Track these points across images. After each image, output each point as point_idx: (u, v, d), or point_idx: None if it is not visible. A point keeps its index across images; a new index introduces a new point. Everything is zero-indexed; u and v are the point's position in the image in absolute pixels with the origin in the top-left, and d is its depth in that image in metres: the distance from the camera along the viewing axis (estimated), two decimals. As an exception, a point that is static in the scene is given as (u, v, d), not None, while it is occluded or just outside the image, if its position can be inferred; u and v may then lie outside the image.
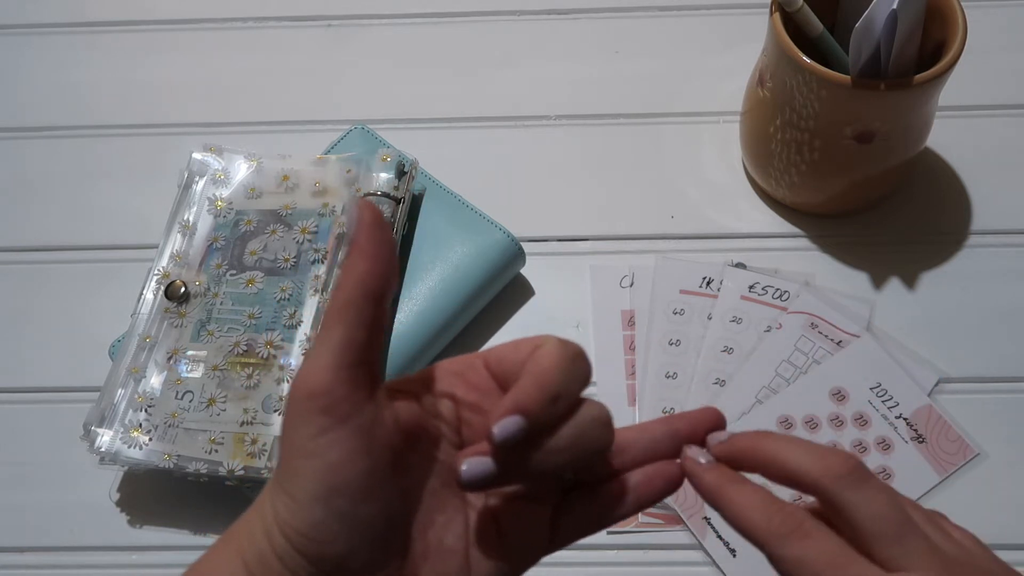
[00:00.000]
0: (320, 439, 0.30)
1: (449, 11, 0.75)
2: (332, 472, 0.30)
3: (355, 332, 0.31)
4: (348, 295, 0.31)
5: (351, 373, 0.31)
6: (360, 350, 0.31)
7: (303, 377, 0.31)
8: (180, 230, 0.59)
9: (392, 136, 0.65)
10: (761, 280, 0.60)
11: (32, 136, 0.71)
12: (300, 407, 0.31)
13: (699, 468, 0.35)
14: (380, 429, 0.32)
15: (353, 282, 0.31)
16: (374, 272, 0.31)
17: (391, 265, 0.32)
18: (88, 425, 0.54)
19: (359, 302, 0.31)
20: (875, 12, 0.51)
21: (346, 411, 0.31)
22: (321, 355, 0.31)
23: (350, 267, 0.31)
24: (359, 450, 0.31)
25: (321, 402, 0.30)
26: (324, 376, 0.31)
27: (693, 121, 0.68)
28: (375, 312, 0.32)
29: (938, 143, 0.65)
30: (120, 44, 0.75)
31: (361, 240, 0.31)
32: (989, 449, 0.55)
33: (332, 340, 0.31)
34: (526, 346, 0.34)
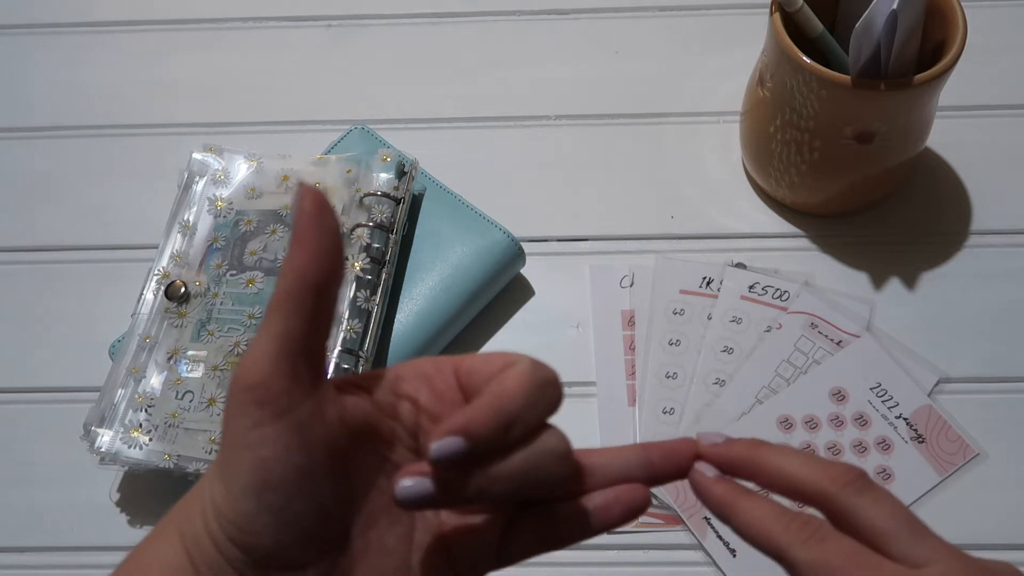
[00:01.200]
0: (255, 432, 0.30)
1: (449, 11, 0.75)
2: (264, 466, 0.30)
3: (294, 323, 0.30)
4: (288, 286, 0.30)
5: (290, 365, 0.30)
6: (300, 341, 0.30)
7: (242, 367, 0.30)
8: (180, 230, 0.59)
9: (392, 136, 0.65)
10: (761, 280, 0.60)
11: (32, 136, 0.71)
12: (238, 397, 0.30)
13: (708, 482, 0.34)
14: (320, 425, 0.31)
15: (293, 272, 0.30)
16: (314, 263, 0.30)
17: (334, 254, 0.31)
18: (88, 425, 0.54)
19: (299, 293, 0.30)
20: (875, 12, 0.51)
21: (283, 405, 0.30)
22: (259, 345, 0.30)
23: (290, 257, 0.30)
24: (294, 446, 0.30)
25: (257, 394, 0.30)
26: (262, 367, 0.30)
27: (693, 121, 0.68)
28: (316, 303, 0.31)
29: (938, 143, 0.65)
30: (121, 44, 0.75)
31: (300, 229, 0.30)
32: (989, 449, 0.55)
33: (271, 331, 0.30)
34: (498, 361, 0.33)
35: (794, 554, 0.32)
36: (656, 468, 0.35)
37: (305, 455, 0.30)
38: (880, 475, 0.54)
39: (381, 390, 0.34)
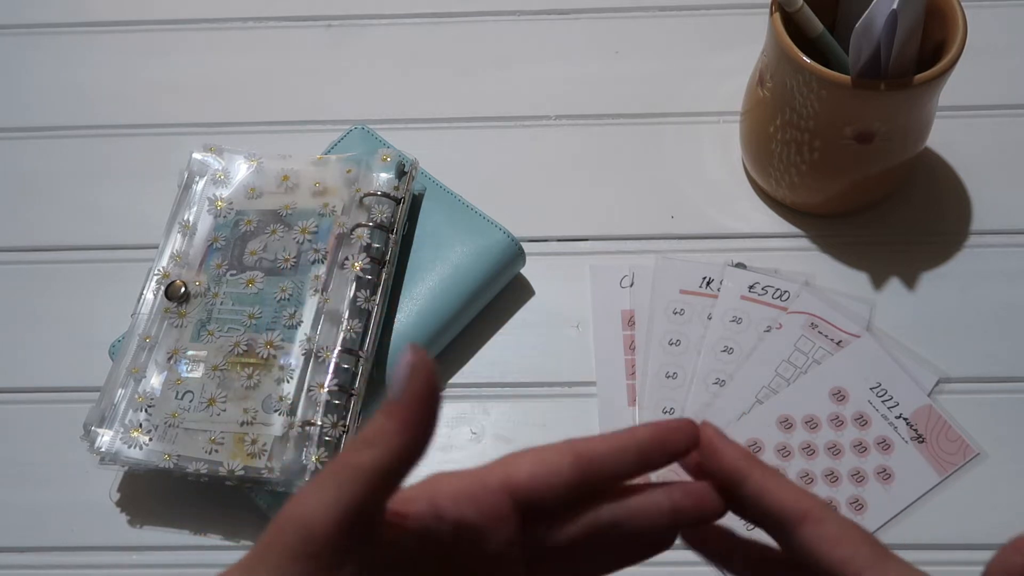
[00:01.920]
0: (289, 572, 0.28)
1: (449, 11, 0.75)
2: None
3: (373, 497, 0.28)
4: (379, 460, 0.28)
5: (354, 529, 0.28)
6: (372, 512, 0.29)
7: (303, 510, 0.28)
8: (180, 230, 0.59)
9: (392, 136, 0.65)
10: (761, 280, 0.60)
11: (32, 136, 0.71)
12: (289, 538, 0.28)
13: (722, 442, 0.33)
14: (365, 570, 0.29)
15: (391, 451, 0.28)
16: (412, 447, 0.28)
17: (429, 439, 0.29)
18: (88, 425, 0.54)
19: (386, 476, 0.28)
20: (875, 12, 0.51)
21: (337, 562, 0.28)
22: (330, 501, 0.28)
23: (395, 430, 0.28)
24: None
25: (313, 548, 0.28)
26: (326, 525, 0.28)
27: (693, 121, 0.68)
28: (399, 483, 0.29)
29: (938, 143, 0.65)
30: (121, 44, 0.75)
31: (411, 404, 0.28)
32: (989, 449, 0.55)
33: (347, 495, 0.28)
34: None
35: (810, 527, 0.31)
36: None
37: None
38: (880, 475, 0.54)
39: (421, 514, 0.31)
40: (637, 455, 0.33)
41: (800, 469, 0.54)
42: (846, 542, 0.30)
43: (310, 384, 0.54)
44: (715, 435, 0.33)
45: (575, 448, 0.32)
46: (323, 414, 0.53)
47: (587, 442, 0.33)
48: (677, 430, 0.33)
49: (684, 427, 0.33)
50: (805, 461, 0.55)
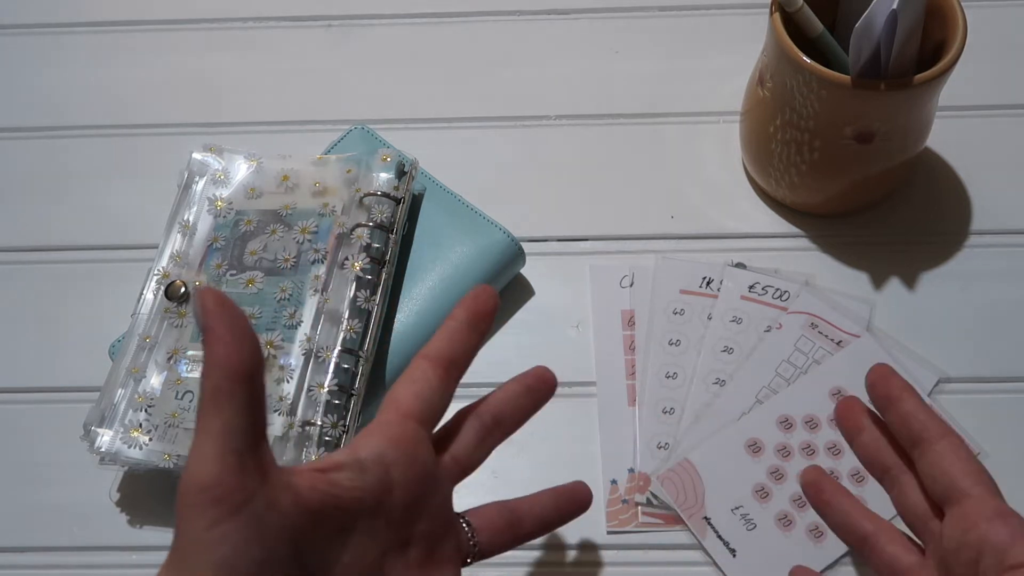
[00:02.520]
0: (212, 531, 0.30)
1: (449, 11, 0.75)
2: (225, 565, 0.30)
3: (231, 417, 0.31)
4: (215, 382, 0.31)
5: (237, 459, 0.30)
6: (243, 435, 0.31)
7: (190, 469, 0.31)
8: (180, 230, 0.59)
9: (392, 136, 0.65)
10: (761, 280, 0.60)
11: (32, 136, 0.71)
12: (191, 499, 0.30)
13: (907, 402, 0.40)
14: (276, 514, 0.31)
15: (216, 368, 0.31)
16: (235, 353, 0.31)
17: (250, 341, 0.31)
18: (88, 425, 0.54)
19: (228, 387, 0.31)
20: (875, 12, 0.51)
21: (238, 501, 0.30)
22: (204, 445, 0.30)
23: (209, 354, 0.31)
24: (251, 540, 0.30)
25: (212, 493, 0.30)
26: (210, 468, 0.30)
27: (693, 121, 0.68)
28: (249, 392, 0.31)
29: (938, 143, 0.65)
30: (121, 44, 0.75)
31: (209, 324, 0.31)
32: (989, 449, 0.55)
33: (212, 429, 0.30)
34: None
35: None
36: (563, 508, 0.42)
37: (264, 547, 0.31)
38: (880, 475, 0.54)
39: (343, 463, 0.35)
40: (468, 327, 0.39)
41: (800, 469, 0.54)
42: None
43: (310, 384, 0.54)
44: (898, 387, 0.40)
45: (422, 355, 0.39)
46: (323, 414, 0.53)
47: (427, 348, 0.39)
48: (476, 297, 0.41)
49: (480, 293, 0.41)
50: (805, 461, 0.55)
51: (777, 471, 0.54)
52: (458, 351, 0.39)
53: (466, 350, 0.39)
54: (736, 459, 0.55)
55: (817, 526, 0.53)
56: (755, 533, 0.52)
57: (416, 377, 0.38)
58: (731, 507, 0.53)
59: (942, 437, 0.38)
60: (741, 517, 0.53)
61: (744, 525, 0.53)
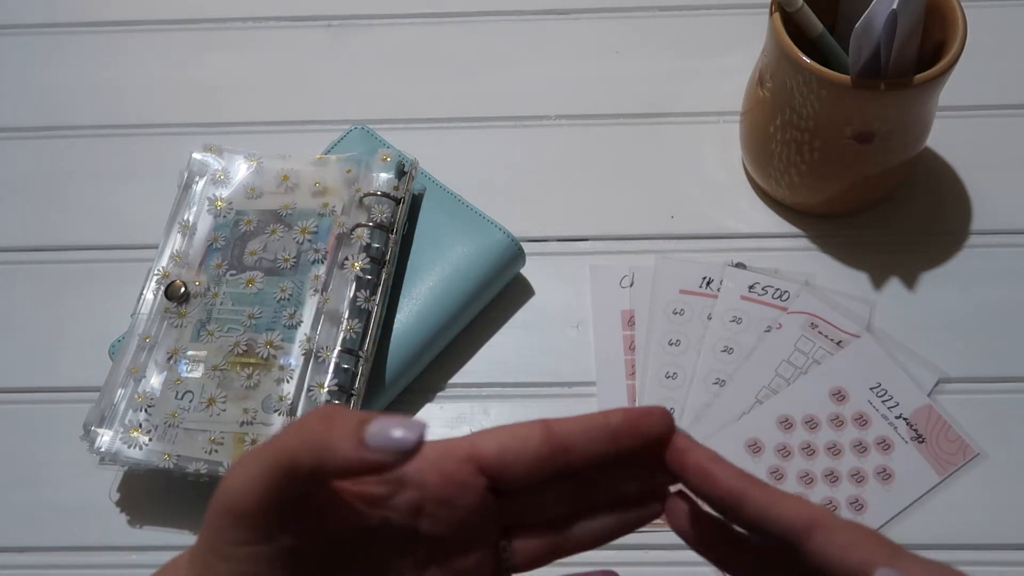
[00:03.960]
0: (239, 549, 0.29)
1: (449, 11, 0.75)
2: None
3: (295, 487, 0.29)
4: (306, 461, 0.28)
5: (279, 508, 0.29)
6: (298, 497, 0.29)
7: (231, 487, 0.29)
8: (180, 230, 0.59)
9: (392, 136, 0.65)
10: (761, 280, 0.60)
11: (32, 136, 0.71)
12: (222, 518, 0.29)
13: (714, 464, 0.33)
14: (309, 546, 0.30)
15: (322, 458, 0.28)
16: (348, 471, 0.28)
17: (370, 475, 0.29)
18: (88, 425, 0.54)
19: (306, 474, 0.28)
20: (875, 12, 0.51)
21: (267, 534, 0.29)
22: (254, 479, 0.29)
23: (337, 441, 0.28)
24: (277, 568, 0.29)
25: (241, 520, 0.29)
26: (249, 501, 0.29)
27: (693, 121, 0.68)
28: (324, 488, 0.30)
29: (938, 143, 0.65)
30: (121, 44, 0.75)
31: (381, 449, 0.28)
32: (989, 449, 0.55)
33: (270, 476, 0.28)
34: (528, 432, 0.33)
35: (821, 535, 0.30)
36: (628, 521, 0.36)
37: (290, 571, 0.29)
38: (880, 475, 0.54)
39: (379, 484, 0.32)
40: (608, 435, 0.34)
41: (800, 469, 0.54)
42: (860, 545, 0.30)
43: (310, 384, 0.54)
44: (705, 459, 0.33)
45: (547, 425, 0.33)
46: (323, 414, 0.53)
47: (560, 421, 0.34)
48: (649, 414, 0.34)
49: (656, 412, 0.34)
50: (805, 461, 0.55)
51: (777, 471, 0.54)
52: (580, 445, 0.34)
53: (587, 453, 0.34)
54: (736, 459, 0.54)
55: (817, 526, 0.52)
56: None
57: (518, 434, 0.33)
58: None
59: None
60: (741, 517, 0.53)
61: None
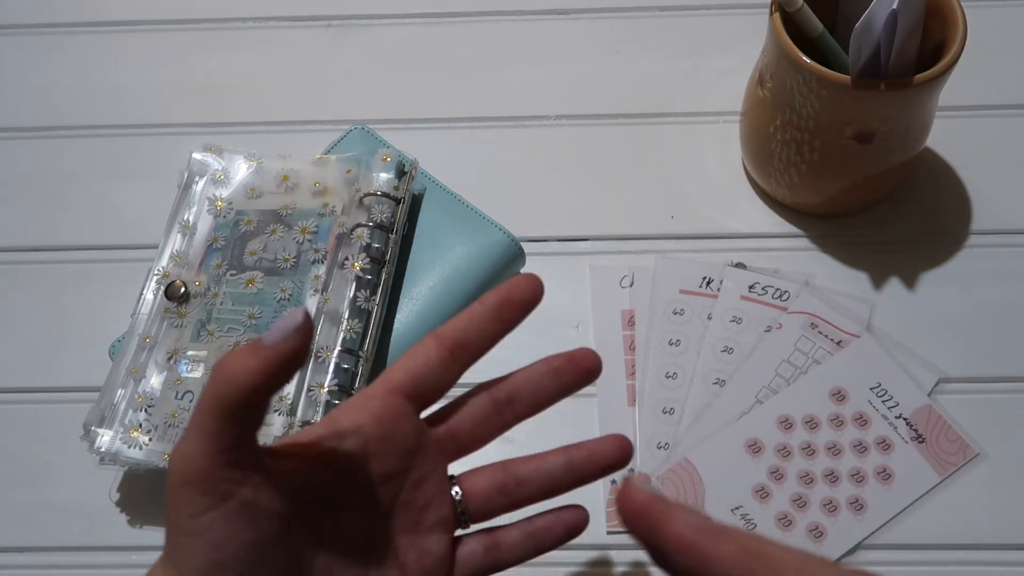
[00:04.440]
0: (201, 518, 0.30)
1: (449, 11, 0.75)
2: (215, 548, 0.30)
3: (230, 425, 0.30)
4: (222, 392, 0.30)
5: (228, 456, 0.31)
6: (235, 437, 0.31)
7: (178, 462, 0.31)
8: (180, 230, 0.59)
9: (392, 136, 0.65)
10: (761, 280, 0.60)
11: (32, 136, 0.71)
12: (177, 490, 0.31)
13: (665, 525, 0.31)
14: (264, 499, 0.31)
15: (237, 384, 0.30)
16: (262, 376, 0.30)
17: (280, 386, 0.31)
18: (88, 425, 0.54)
19: (234, 404, 0.30)
20: (875, 12, 0.51)
21: (225, 490, 0.30)
22: (195, 440, 0.30)
23: (241, 364, 0.30)
24: (241, 524, 0.31)
25: (198, 486, 0.30)
26: (198, 464, 0.30)
27: (693, 121, 0.68)
28: (258, 412, 0.31)
29: (938, 143, 0.65)
30: (121, 44, 0.75)
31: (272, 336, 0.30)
32: (989, 449, 0.55)
33: (207, 428, 0.30)
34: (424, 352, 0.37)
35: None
36: (579, 469, 0.38)
37: (254, 530, 0.31)
38: (880, 475, 0.54)
39: (322, 437, 0.34)
40: (491, 314, 0.37)
41: (800, 469, 0.54)
42: None
43: (310, 384, 0.54)
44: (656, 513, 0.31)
45: (435, 333, 0.37)
46: (323, 414, 0.53)
47: (445, 325, 0.37)
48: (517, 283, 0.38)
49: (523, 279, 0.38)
50: (805, 461, 0.55)
51: (777, 471, 0.54)
52: (472, 335, 0.37)
53: (482, 336, 0.37)
54: (736, 459, 0.55)
55: (817, 526, 0.53)
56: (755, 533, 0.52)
57: (415, 352, 0.37)
58: (731, 507, 0.53)
59: None
60: (741, 517, 0.53)
61: (744, 525, 0.53)
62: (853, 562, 0.52)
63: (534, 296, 0.38)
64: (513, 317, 0.37)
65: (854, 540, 0.52)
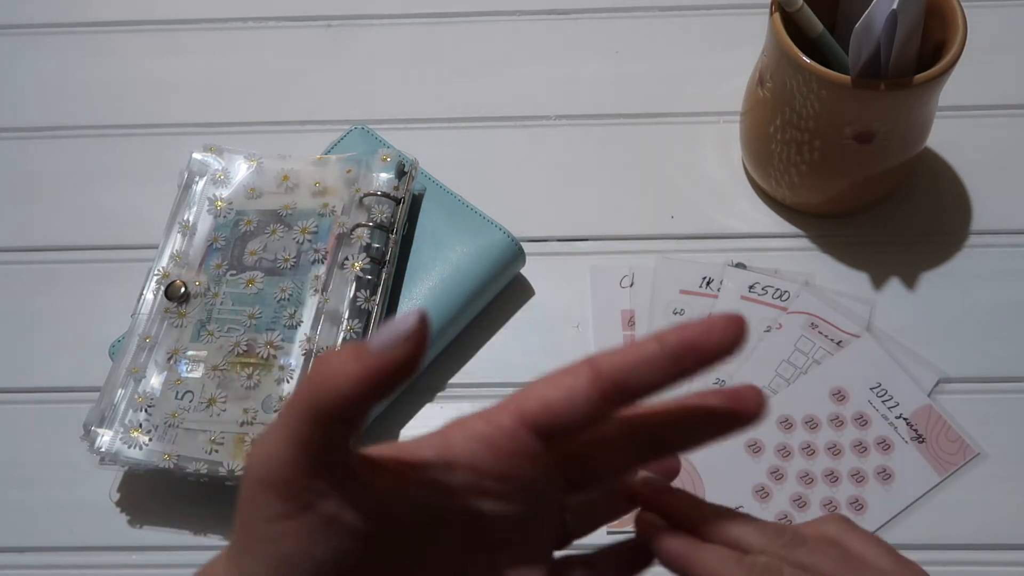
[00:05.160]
0: (275, 525, 0.27)
1: (449, 11, 0.75)
2: (283, 561, 0.27)
3: (324, 432, 0.26)
4: (324, 400, 0.26)
5: (313, 464, 0.27)
6: (326, 447, 0.27)
7: (259, 463, 0.27)
8: (180, 230, 0.59)
9: (392, 136, 0.65)
10: (761, 280, 0.60)
11: (32, 136, 0.71)
12: (255, 488, 0.27)
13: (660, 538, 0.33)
14: (349, 516, 0.27)
15: (337, 389, 0.26)
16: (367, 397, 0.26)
17: (386, 396, 0.27)
18: (88, 425, 0.54)
19: (330, 414, 0.26)
20: (875, 12, 0.51)
21: (306, 500, 0.27)
22: (281, 444, 0.26)
23: (342, 367, 0.26)
24: (318, 541, 0.27)
25: (278, 491, 0.27)
26: (282, 469, 0.26)
27: (693, 121, 0.68)
28: (353, 427, 0.27)
29: (938, 143, 0.65)
30: (120, 44, 0.75)
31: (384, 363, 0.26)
32: (989, 449, 0.55)
33: (296, 433, 0.26)
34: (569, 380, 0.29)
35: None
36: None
37: (331, 549, 0.27)
38: (880, 475, 0.54)
39: (430, 463, 0.30)
40: (664, 360, 0.29)
41: (800, 469, 0.54)
42: None
43: (310, 384, 0.53)
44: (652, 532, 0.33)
45: (593, 363, 0.29)
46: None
47: (607, 355, 0.29)
48: (710, 329, 0.29)
49: (720, 324, 0.29)
50: (805, 461, 0.55)
51: (777, 471, 0.54)
52: (634, 378, 0.29)
53: (648, 382, 0.29)
54: (736, 459, 0.55)
55: (817, 526, 0.53)
56: None
57: (560, 382, 0.30)
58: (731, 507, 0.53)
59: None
60: (741, 517, 0.53)
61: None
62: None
63: (731, 345, 0.29)
64: (693, 368, 0.29)
65: (854, 540, 0.52)
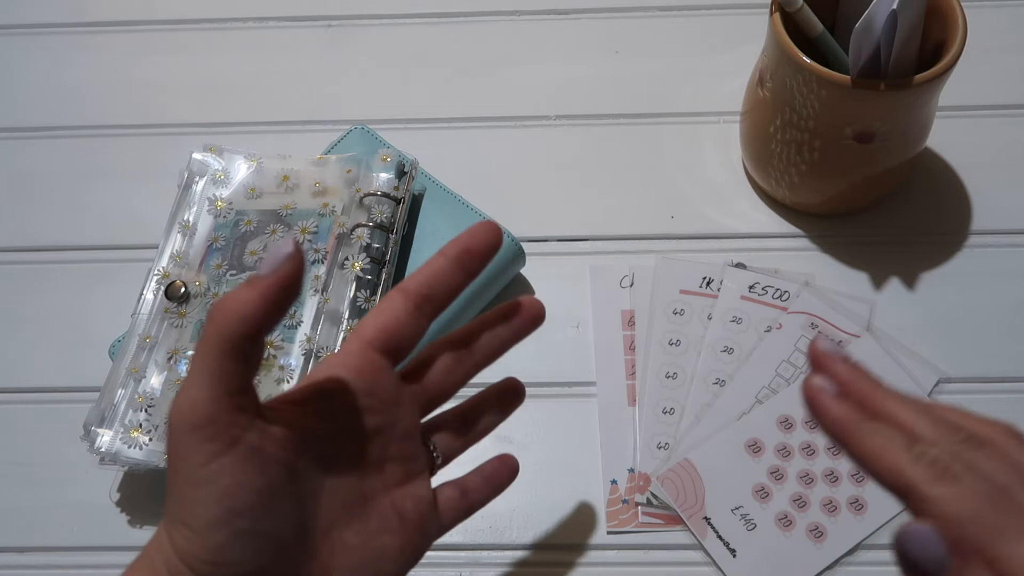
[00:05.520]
0: (210, 466, 0.30)
1: (449, 11, 0.75)
2: (227, 495, 0.30)
3: (233, 363, 0.31)
4: (230, 329, 0.30)
5: (233, 400, 0.31)
6: (239, 377, 0.31)
7: (183, 410, 0.31)
8: (180, 230, 0.59)
9: (392, 136, 0.65)
10: (761, 280, 0.60)
11: (32, 136, 0.71)
12: (185, 439, 0.30)
13: (827, 400, 0.33)
14: (269, 445, 0.32)
15: (238, 318, 0.31)
16: (262, 310, 0.31)
17: (282, 314, 0.31)
18: (88, 425, 0.54)
19: (240, 338, 0.31)
20: (875, 12, 0.51)
21: (233, 435, 0.31)
22: (199, 386, 0.31)
23: (241, 299, 0.31)
24: (251, 470, 0.31)
25: (207, 432, 0.30)
26: (205, 408, 0.30)
27: (693, 121, 0.68)
28: (258, 346, 0.31)
29: (938, 143, 0.65)
30: (120, 44, 0.75)
31: (266, 273, 0.31)
32: (989, 449, 0.55)
33: (210, 369, 0.31)
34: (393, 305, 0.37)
35: (926, 491, 0.29)
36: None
37: (264, 476, 0.31)
38: (880, 475, 0.54)
39: (310, 397, 0.35)
40: (453, 266, 0.38)
41: (800, 469, 0.54)
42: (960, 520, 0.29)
43: (310, 384, 0.54)
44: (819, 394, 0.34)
45: (400, 287, 0.38)
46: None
47: (408, 279, 0.38)
48: (474, 234, 0.38)
49: (481, 231, 0.38)
50: (805, 461, 0.55)
51: (777, 471, 0.54)
52: (435, 287, 0.38)
53: (445, 288, 0.38)
54: (736, 459, 0.55)
55: (817, 526, 0.53)
56: (755, 533, 0.52)
57: (384, 308, 0.37)
58: (731, 507, 0.53)
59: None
60: (741, 517, 0.53)
61: (744, 525, 0.53)
62: (853, 562, 0.52)
63: (493, 243, 0.38)
64: (474, 267, 0.38)
65: (854, 540, 0.52)
